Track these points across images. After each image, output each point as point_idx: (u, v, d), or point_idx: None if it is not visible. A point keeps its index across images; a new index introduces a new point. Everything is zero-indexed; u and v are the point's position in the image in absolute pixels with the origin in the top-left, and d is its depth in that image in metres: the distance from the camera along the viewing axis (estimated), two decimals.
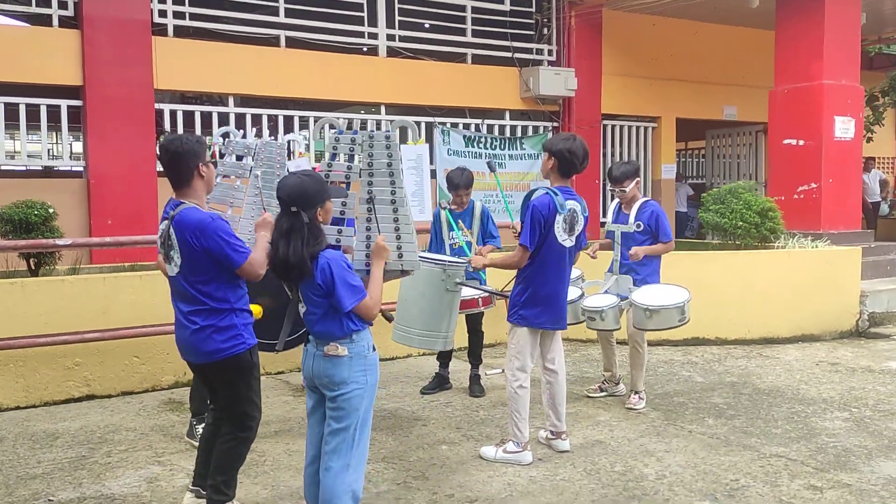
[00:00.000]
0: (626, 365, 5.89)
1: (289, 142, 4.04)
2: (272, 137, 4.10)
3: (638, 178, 5.76)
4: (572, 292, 5.41)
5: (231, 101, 9.54)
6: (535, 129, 11.55)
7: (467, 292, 5.30)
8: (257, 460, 4.53)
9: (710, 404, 5.72)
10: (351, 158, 3.45)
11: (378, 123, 10.42)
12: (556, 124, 11.60)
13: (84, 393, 6.09)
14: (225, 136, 4.32)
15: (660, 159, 12.83)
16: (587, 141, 11.11)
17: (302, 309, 3.20)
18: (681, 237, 11.25)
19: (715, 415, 5.46)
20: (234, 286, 3.41)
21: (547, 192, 4.47)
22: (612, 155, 12.41)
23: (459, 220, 5.89)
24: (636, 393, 5.72)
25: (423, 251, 5.97)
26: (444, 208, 5.82)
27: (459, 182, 5.83)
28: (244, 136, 4.05)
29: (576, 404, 5.71)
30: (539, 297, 4.51)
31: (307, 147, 4.63)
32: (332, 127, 3.58)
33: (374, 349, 3.27)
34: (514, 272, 4.62)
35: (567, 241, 4.50)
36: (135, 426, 5.25)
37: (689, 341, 7.80)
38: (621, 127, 12.46)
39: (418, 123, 10.75)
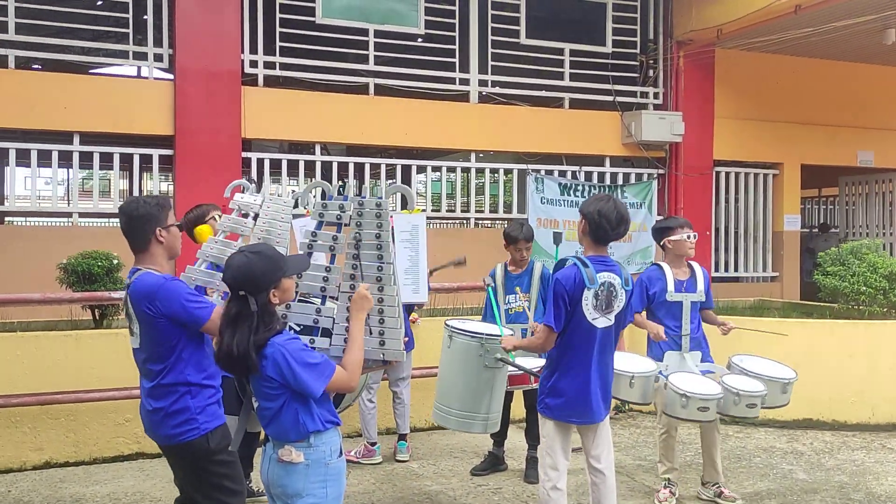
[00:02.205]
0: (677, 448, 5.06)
1: (297, 199, 3.66)
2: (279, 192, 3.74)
3: None
4: (707, 383, 4.60)
5: (317, 149, 9.47)
6: (639, 176, 10.80)
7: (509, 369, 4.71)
8: None
9: None
10: (339, 227, 3.03)
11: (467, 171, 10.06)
12: (661, 171, 10.81)
13: (134, 450, 5.96)
14: (248, 188, 3.99)
15: (782, 209, 11.68)
16: (698, 188, 10.70)
17: (255, 404, 2.77)
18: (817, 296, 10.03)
19: None
20: (198, 358, 3.09)
21: (574, 264, 3.82)
22: (727, 203, 11.43)
23: (518, 286, 5.34)
24: (725, 487, 4.91)
25: (469, 319, 5.48)
26: (489, 285, 5.26)
27: (518, 235, 5.27)
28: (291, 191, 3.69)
29: (644, 501, 4.97)
30: (563, 386, 3.86)
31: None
32: (323, 193, 3.16)
33: (339, 454, 2.78)
34: None
35: (600, 321, 3.80)
36: (161, 496, 5.00)
37: (799, 423, 6.79)
38: (737, 174, 11.45)
39: (510, 171, 10.35)
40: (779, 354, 6.04)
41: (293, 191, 4.06)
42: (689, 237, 4.94)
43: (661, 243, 5.03)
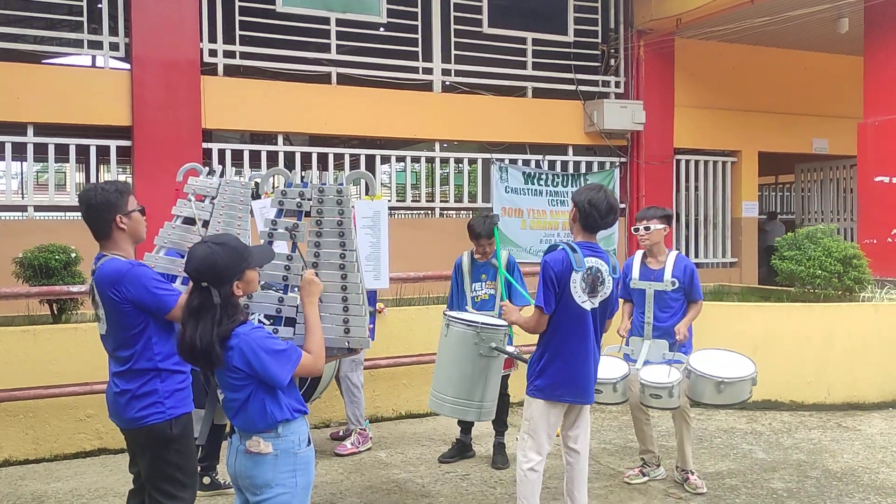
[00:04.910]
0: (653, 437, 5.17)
1: (256, 183, 3.63)
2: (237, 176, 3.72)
3: (668, 228, 5.07)
4: (617, 367, 4.77)
5: (280, 139, 9.38)
6: (602, 164, 10.90)
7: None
8: None
9: (768, 490, 4.93)
10: (299, 215, 3.01)
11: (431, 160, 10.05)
12: (623, 160, 10.93)
13: (96, 446, 5.87)
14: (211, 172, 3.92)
15: (740, 196, 11.90)
16: (659, 176, 10.82)
17: (221, 396, 2.75)
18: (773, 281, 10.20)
19: None
20: (168, 343, 3.07)
21: (563, 248, 3.93)
22: (687, 191, 11.61)
23: (484, 274, 5.37)
24: (692, 473, 4.99)
25: (449, 309, 5.51)
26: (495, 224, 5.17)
27: (481, 231, 5.32)
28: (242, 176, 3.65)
29: (609, 483, 5.05)
30: (557, 366, 3.93)
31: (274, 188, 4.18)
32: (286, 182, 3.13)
33: (308, 443, 2.78)
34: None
35: (587, 303, 3.90)
36: (124, 491, 4.85)
37: (758, 405, 6.93)
38: (696, 162, 11.63)
39: (474, 160, 10.37)
40: (738, 337, 6.19)
41: (256, 183, 4.02)
42: (636, 229, 5.04)
43: None
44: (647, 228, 4.99)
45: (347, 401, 5.79)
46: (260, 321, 2.92)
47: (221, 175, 3.54)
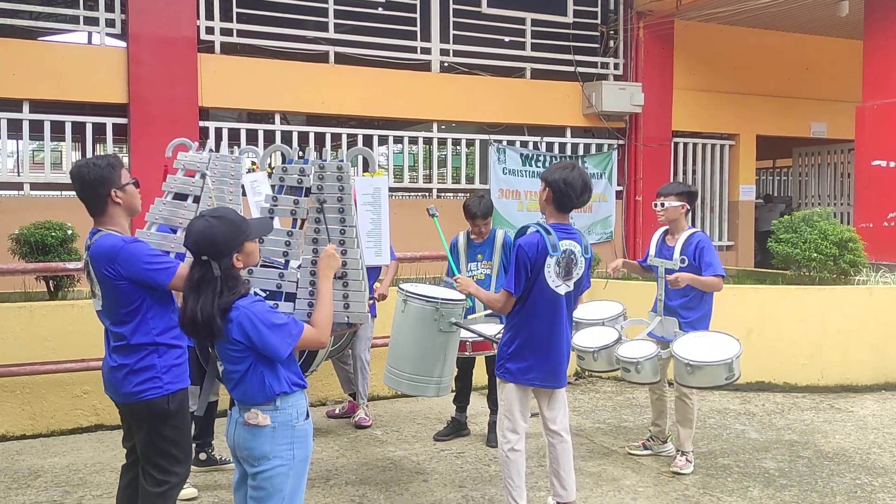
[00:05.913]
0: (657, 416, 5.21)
1: (252, 161, 3.63)
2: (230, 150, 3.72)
3: (686, 205, 4.99)
4: (608, 334, 4.81)
5: (277, 118, 9.34)
6: (599, 147, 10.89)
7: (466, 335, 4.73)
8: None
9: (760, 469, 4.98)
10: (300, 192, 3.01)
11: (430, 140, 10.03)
12: (621, 142, 10.91)
13: (92, 422, 5.90)
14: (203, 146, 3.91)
15: (738, 179, 11.91)
16: (657, 159, 10.82)
17: (220, 368, 2.77)
18: (767, 265, 10.19)
19: (763, 483, 4.72)
20: (165, 317, 3.09)
21: (537, 231, 3.85)
22: (684, 174, 11.61)
23: (479, 254, 5.39)
24: (683, 454, 4.98)
25: (421, 283, 5.52)
26: (433, 216, 5.14)
27: (477, 212, 5.33)
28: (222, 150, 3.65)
29: (602, 461, 5.08)
30: (527, 350, 3.89)
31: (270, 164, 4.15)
32: (283, 157, 3.14)
33: (306, 417, 2.80)
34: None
35: (562, 287, 3.84)
36: (120, 466, 4.94)
37: (751, 386, 6.99)
38: (694, 145, 11.62)
39: (472, 142, 10.35)
40: (733, 319, 6.21)
41: (252, 163, 4.04)
42: (654, 205, 5.05)
43: None
44: (662, 205, 4.97)
45: (359, 377, 5.87)
46: (256, 293, 2.92)
47: (214, 149, 3.54)
